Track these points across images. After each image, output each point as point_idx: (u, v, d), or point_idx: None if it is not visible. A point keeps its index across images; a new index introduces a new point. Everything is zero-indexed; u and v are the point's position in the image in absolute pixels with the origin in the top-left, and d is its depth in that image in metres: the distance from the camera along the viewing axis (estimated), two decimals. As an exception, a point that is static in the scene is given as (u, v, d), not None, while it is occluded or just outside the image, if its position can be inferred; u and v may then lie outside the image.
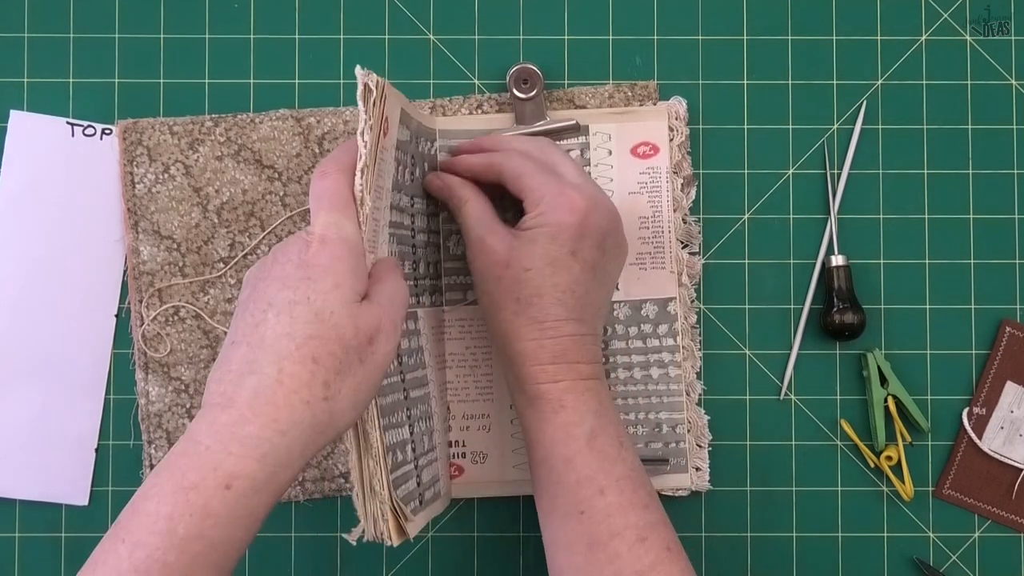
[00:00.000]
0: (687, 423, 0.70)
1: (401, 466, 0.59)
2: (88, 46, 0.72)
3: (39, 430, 0.70)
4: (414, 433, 0.62)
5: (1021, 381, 0.71)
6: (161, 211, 0.70)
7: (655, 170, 0.70)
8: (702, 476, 0.71)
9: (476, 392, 0.71)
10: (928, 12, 0.73)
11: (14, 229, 0.71)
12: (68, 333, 0.71)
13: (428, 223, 0.68)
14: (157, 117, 0.71)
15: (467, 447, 0.71)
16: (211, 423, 0.48)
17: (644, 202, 0.70)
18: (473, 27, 0.72)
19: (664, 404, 0.70)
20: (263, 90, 0.71)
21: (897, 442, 0.71)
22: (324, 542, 0.71)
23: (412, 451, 0.61)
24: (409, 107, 0.63)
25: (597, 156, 0.70)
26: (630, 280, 0.70)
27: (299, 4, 0.72)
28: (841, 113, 0.72)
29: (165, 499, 0.47)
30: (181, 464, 0.48)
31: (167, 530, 0.46)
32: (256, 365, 0.49)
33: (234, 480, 0.47)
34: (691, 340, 0.71)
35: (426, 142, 0.68)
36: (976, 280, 0.72)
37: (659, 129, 0.70)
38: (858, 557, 0.71)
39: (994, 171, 0.72)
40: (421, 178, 0.67)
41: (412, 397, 0.62)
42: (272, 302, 0.50)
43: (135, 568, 0.46)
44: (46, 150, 0.71)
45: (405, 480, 0.59)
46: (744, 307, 0.72)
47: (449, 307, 0.70)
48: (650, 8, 0.72)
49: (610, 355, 0.70)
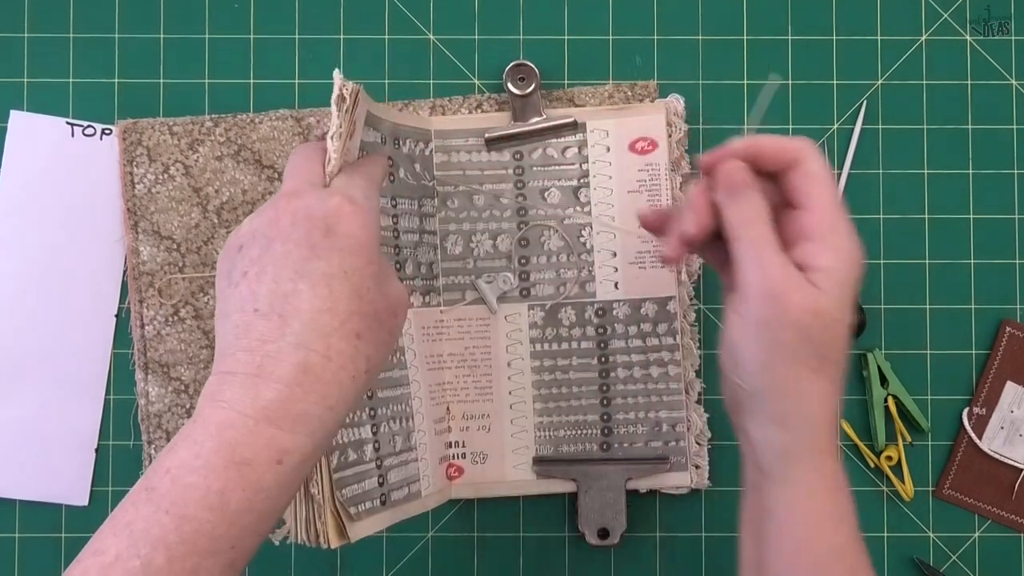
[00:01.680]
0: (687, 422, 0.70)
1: (353, 465, 0.59)
2: (88, 46, 0.72)
3: (39, 430, 0.70)
4: (379, 433, 0.62)
5: (1021, 381, 0.71)
6: (161, 211, 0.70)
7: (654, 167, 0.70)
8: (702, 474, 0.71)
9: (476, 392, 0.71)
10: (928, 12, 0.73)
11: (14, 229, 0.71)
12: (68, 333, 0.71)
13: (421, 223, 0.68)
14: (157, 117, 0.71)
15: (467, 447, 0.70)
16: (255, 397, 0.46)
17: (643, 200, 0.70)
18: (473, 27, 0.72)
19: (664, 403, 0.70)
20: (263, 90, 0.71)
21: (897, 442, 0.71)
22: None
23: (374, 450, 0.61)
24: (379, 109, 0.63)
25: (595, 153, 0.70)
26: (629, 279, 0.70)
27: (299, 4, 0.72)
28: (841, 113, 0.72)
29: (216, 473, 0.45)
30: (230, 437, 0.46)
31: (219, 504, 0.45)
32: (300, 340, 0.47)
33: (286, 455, 0.47)
34: (690, 339, 0.71)
35: (415, 143, 0.68)
36: (976, 280, 0.72)
37: (657, 124, 0.70)
38: (858, 557, 0.71)
39: (994, 171, 0.72)
40: (409, 179, 0.67)
41: (381, 397, 0.62)
42: (301, 272, 0.48)
43: (183, 540, 0.45)
44: (46, 150, 0.71)
45: (359, 480, 0.59)
46: (744, 307, 0.72)
47: (447, 307, 0.70)
48: (650, 8, 0.72)
49: (609, 354, 0.70)
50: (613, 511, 0.69)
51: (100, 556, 0.45)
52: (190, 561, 0.45)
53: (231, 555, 0.46)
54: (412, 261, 0.67)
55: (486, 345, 0.70)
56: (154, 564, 0.44)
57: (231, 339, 0.48)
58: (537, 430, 0.71)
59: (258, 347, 0.47)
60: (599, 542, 0.69)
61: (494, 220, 0.70)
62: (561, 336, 0.70)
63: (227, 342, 0.48)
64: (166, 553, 0.45)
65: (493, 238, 0.70)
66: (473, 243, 0.70)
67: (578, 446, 0.70)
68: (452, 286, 0.70)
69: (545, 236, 0.70)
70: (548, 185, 0.71)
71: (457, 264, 0.70)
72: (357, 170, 0.53)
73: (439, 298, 0.70)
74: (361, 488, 0.60)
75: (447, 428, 0.70)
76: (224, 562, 0.46)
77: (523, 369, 0.71)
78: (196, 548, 0.45)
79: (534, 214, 0.71)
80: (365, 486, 0.60)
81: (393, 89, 0.72)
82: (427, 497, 0.67)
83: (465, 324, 0.70)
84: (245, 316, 0.48)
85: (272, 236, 0.48)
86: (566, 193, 0.70)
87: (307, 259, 0.48)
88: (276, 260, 0.48)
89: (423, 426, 0.67)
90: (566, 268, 0.70)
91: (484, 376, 0.71)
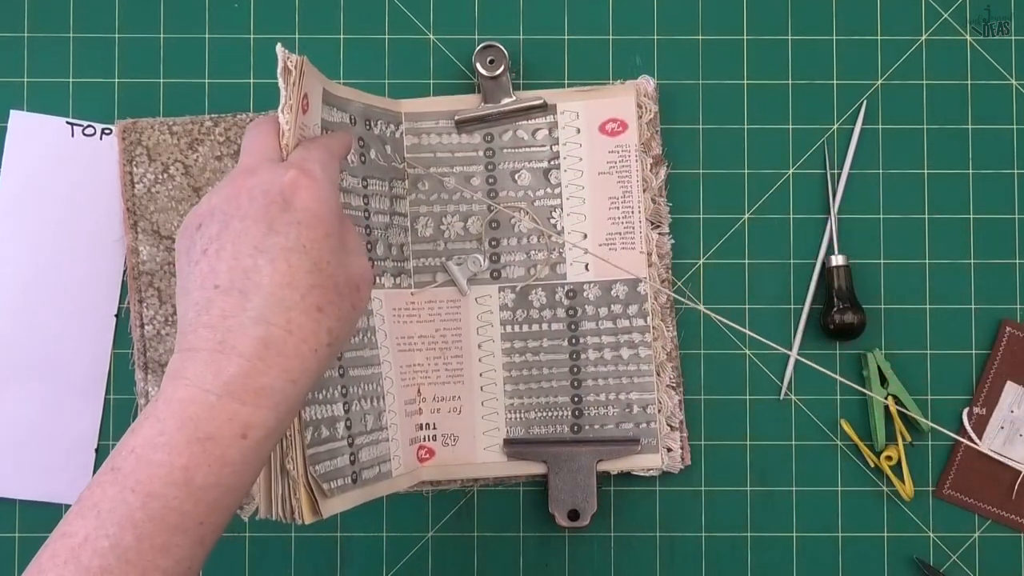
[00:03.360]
0: (657, 403, 0.70)
1: (326, 442, 0.60)
2: (88, 46, 0.72)
3: (39, 430, 0.70)
4: (351, 411, 0.62)
5: (1021, 381, 0.71)
6: (160, 211, 0.70)
7: (624, 148, 0.70)
8: (674, 457, 0.70)
9: (447, 375, 0.71)
10: (928, 12, 0.73)
11: (14, 229, 0.71)
12: (68, 333, 0.71)
13: (391, 204, 0.68)
14: (157, 117, 0.71)
15: (437, 429, 0.71)
16: (216, 373, 0.47)
17: (614, 182, 0.70)
18: (473, 27, 0.72)
19: (635, 384, 0.70)
20: (263, 90, 0.71)
21: (897, 442, 0.71)
22: (324, 542, 0.71)
23: (346, 428, 0.62)
24: (343, 90, 0.63)
25: (565, 135, 0.70)
26: (600, 261, 0.70)
27: (299, 4, 0.72)
28: (841, 113, 0.72)
29: (179, 450, 0.46)
30: (191, 413, 0.46)
31: (184, 480, 0.46)
32: (261, 314, 0.48)
33: (249, 429, 0.47)
34: (661, 320, 0.70)
35: (387, 125, 0.68)
36: (976, 280, 0.72)
37: (627, 105, 0.70)
38: (858, 557, 0.71)
39: (994, 171, 0.72)
40: (380, 160, 0.67)
41: (352, 375, 0.63)
42: (260, 247, 0.48)
43: (150, 518, 0.45)
44: (46, 150, 0.71)
45: (332, 457, 0.60)
46: (744, 307, 0.72)
47: (418, 289, 0.70)
48: (650, 8, 0.72)
49: (580, 336, 0.70)
50: (584, 493, 0.69)
51: (69, 539, 0.45)
52: (159, 539, 0.45)
53: (200, 531, 0.46)
54: (383, 242, 0.68)
55: (457, 327, 0.70)
56: (123, 543, 0.45)
57: (192, 316, 0.48)
58: (508, 412, 0.71)
59: (219, 323, 0.48)
60: (569, 523, 0.69)
61: (464, 202, 0.71)
62: (532, 318, 0.70)
63: (188, 319, 0.49)
64: (134, 531, 0.45)
65: (464, 220, 0.71)
66: (444, 225, 0.70)
67: (549, 428, 0.71)
68: (423, 268, 0.70)
69: (515, 218, 0.71)
70: (518, 167, 0.71)
71: (428, 246, 0.70)
72: (315, 143, 0.54)
73: (410, 280, 0.70)
74: (334, 465, 0.60)
75: (418, 410, 0.70)
76: (193, 539, 0.46)
77: (494, 351, 0.71)
78: (164, 525, 0.45)
79: (504, 196, 0.71)
80: (337, 463, 0.61)
81: (393, 89, 0.72)
82: (397, 478, 0.67)
83: (436, 306, 0.70)
84: (206, 293, 0.48)
85: (230, 213, 0.49)
86: (536, 175, 0.71)
87: (265, 234, 0.48)
88: (235, 236, 0.48)
89: (393, 407, 0.67)
90: (536, 250, 0.70)
91: (455, 358, 0.71)
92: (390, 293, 0.68)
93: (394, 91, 0.72)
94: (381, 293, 0.67)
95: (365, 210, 0.66)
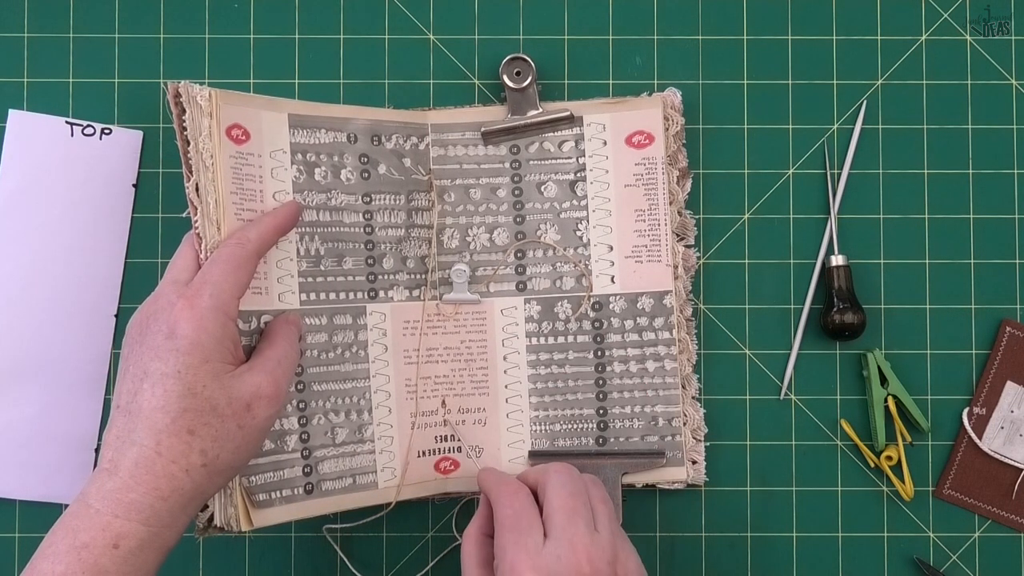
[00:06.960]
0: (683, 416, 0.70)
1: (268, 455, 0.63)
2: (88, 46, 0.72)
3: (39, 430, 0.70)
4: (309, 424, 0.64)
5: (1021, 381, 0.71)
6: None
7: (651, 160, 0.70)
8: (698, 469, 0.70)
9: (471, 386, 0.71)
10: (928, 12, 0.73)
11: (14, 229, 0.71)
12: (68, 333, 0.71)
13: (409, 217, 0.69)
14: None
15: (463, 441, 0.71)
16: (99, 487, 0.53)
17: (640, 194, 0.70)
18: (473, 27, 0.72)
19: (660, 397, 0.70)
20: (263, 90, 0.71)
21: (897, 442, 0.71)
22: (324, 542, 0.71)
23: (300, 441, 0.64)
24: (332, 109, 0.66)
25: (592, 147, 0.70)
26: (626, 273, 0.70)
27: (299, 4, 0.72)
28: (841, 113, 0.72)
29: (59, 558, 0.51)
30: (74, 524, 0.52)
31: None
32: (135, 436, 0.53)
33: (121, 540, 0.52)
34: (687, 333, 0.71)
35: (404, 138, 0.69)
36: (976, 280, 0.72)
37: (654, 118, 0.70)
38: (858, 557, 0.71)
39: (994, 171, 0.72)
40: (392, 174, 0.68)
41: (316, 390, 0.65)
42: (147, 372, 0.54)
43: None
44: (45, 150, 0.71)
45: (275, 468, 0.63)
46: (744, 307, 0.72)
47: (443, 301, 0.70)
48: (650, 8, 0.72)
49: (605, 348, 0.70)
50: None
51: None
52: None
53: None
54: (394, 256, 0.68)
55: (482, 339, 0.70)
56: None
57: (107, 434, 0.55)
58: (533, 424, 0.71)
59: (114, 442, 0.54)
60: None
61: (491, 214, 0.71)
62: (557, 330, 0.70)
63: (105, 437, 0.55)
64: None
65: (490, 232, 0.70)
66: (470, 237, 0.70)
67: (574, 440, 0.70)
68: (448, 280, 0.70)
69: (542, 230, 0.71)
70: (545, 179, 0.71)
71: (453, 258, 0.70)
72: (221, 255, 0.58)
73: (434, 292, 0.70)
74: (278, 476, 0.63)
75: (441, 421, 0.70)
76: None
77: (519, 363, 0.71)
78: None
79: (530, 208, 0.71)
80: (284, 475, 0.64)
81: (393, 89, 0.72)
82: (386, 488, 0.68)
83: (461, 318, 0.70)
84: (114, 411, 0.55)
85: (134, 337, 0.56)
86: (563, 187, 0.70)
87: (151, 360, 0.54)
88: (134, 360, 0.55)
89: (388, 419, 0.68)
90: (562, 262, 0.70)
91: (480, 370, 0.71)
92: (401, 306, 0.68)
93: (394, 91, 0.72)
94: (387, 307, 0.68)
95: (367, 226, 0.67)
